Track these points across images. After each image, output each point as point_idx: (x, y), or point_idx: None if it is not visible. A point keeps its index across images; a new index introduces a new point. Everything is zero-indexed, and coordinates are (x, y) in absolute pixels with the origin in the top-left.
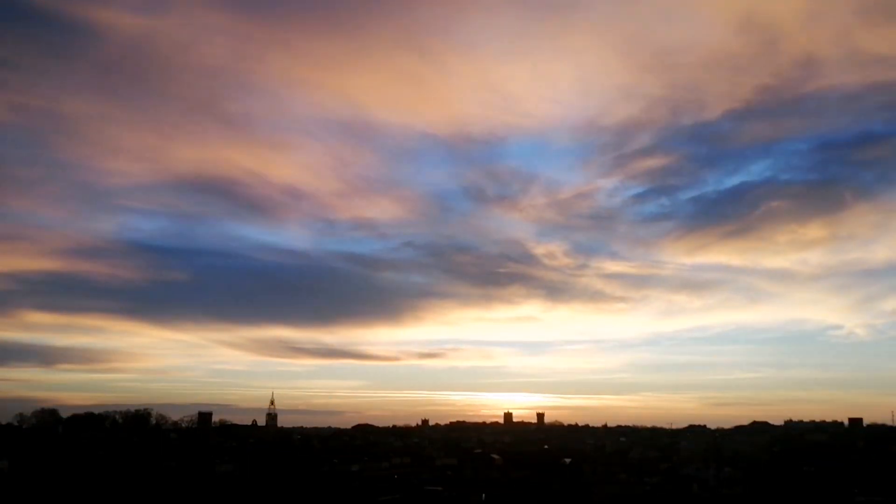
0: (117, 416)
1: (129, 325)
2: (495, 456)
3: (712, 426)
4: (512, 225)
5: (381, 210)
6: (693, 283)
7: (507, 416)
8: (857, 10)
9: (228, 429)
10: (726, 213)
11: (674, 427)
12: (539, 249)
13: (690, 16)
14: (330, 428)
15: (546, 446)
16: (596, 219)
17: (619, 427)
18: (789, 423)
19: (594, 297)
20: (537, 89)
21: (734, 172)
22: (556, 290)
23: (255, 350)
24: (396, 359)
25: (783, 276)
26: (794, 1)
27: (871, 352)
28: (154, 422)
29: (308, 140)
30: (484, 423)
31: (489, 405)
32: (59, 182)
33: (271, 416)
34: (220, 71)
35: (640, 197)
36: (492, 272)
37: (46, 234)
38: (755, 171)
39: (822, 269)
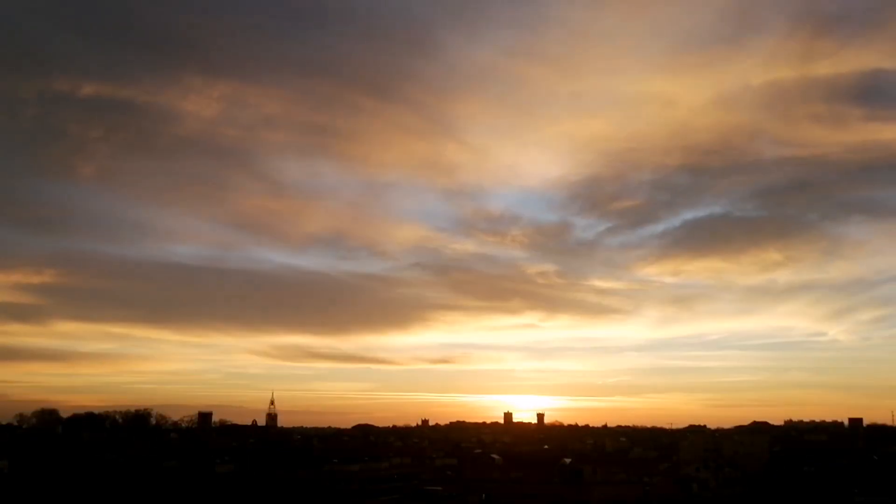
0: (117, 417)
1: (153, 331)
2: (495, 456)
3: (712, 426)
4: (504, 251)
5: (392, 239)
6: (680, 298)
7: (507, 416)
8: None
9: (228, 429)
10: (691, 241)
11: (674, 427)
12: (532, 269)
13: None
14: (330, 428)
15: (546, 446)
16: (577, 246)
17: (619, 427)
18: (789, 424)
19: (591, 308)
20: (519, 158)
21: (693, 209)
22: (553, 302)
23: (274, 355)
24: (404, 363)
25: (757, 292)
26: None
27: (857, 356)
28: (154, 422)
29: (333, 193)
30: (484, 423)
31: (490, 406)
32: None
33: (271, 417)
34: (248, 144)
35: (612, 230)
36: (493, 287)
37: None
38: (711, 209)
39: (790, 286)
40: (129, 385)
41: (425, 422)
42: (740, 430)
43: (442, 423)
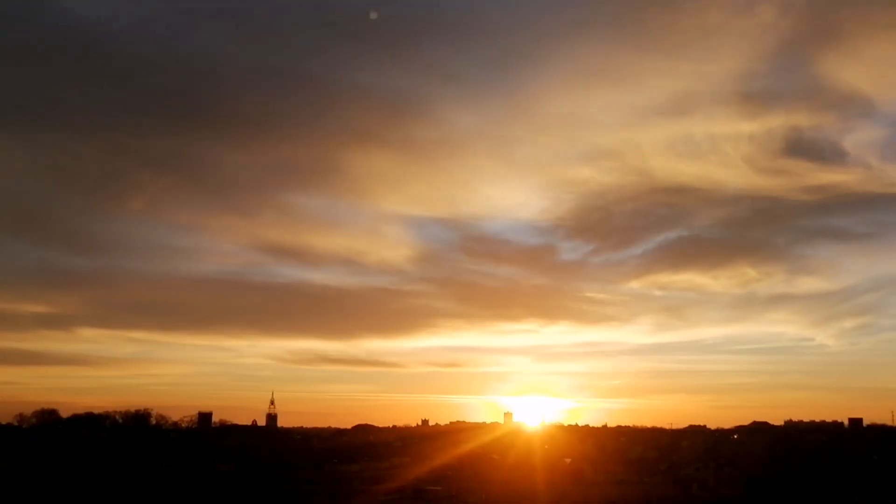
0: (117, 417)
1: (171, 336)
2: (495, 456)
3: (712, 426)
4: (500, 269)
5: (399, 256)
6: (669, 307)
7: (507, 416)
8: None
9: (228, 429)
10: (670, 258)
11: (674, 427)
12: (527, 282)
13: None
14: (330, 428)
15: (546, 446)
16: (565, 264)
17: (618, 427)
18: (789, 424)
19: (587, 316)
20: (507, 196)
21: (667, 233)
22: (551, 310)
23: (286, 359)
24: (409, 366)
25: (741, 302)
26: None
27: (847, 359)
28: (154, 422)
29: (346, 221)
30: (484, 423)
31: (490, 406)
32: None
33: (271, 417)
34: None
35: (596, 251)
36: (493, 297)
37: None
38: (683, 233)
39: (770, 297)
40: (133, 385)
41: (425, 422)
42: (740, 430)
43: (442, 423)
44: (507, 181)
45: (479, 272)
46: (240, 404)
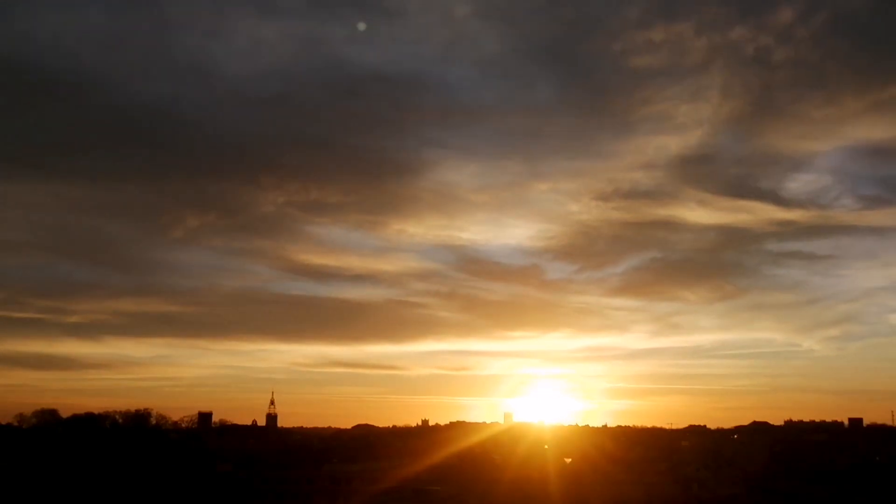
0: (117, 417)
1: (189, 341)
2: (495, 456)
3: (712, 426)
4: (495, 287)
5: (408, 273)
6: (660, 317)
7: (507, 416)
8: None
9: (228, 429)
10: (651, 275)
11: (674, 427)
12: (524, 295)
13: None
14: (330, 428)
15: (546, 446)
16: (553, 282)
17: (619, 427)
18: (789, 423)
19: (584, 323)
20: (497, 231)
21: (643, 255)
22: (547, 319)
23: (295, 363)
24: (414, 368)
25: (727, 311)
26: None
27: (835, 364)
28: (154, 422)
29: (361, 248)
30: (484, 423)
31: (491, 407)
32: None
33: (271, 417)
34: (300, 220)
35: (579, 270)
36: (494, 308)
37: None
38: (656, 255)
39: (752, 307)
40: (136, 386)
41: (425, 422)
42: (740, 430)
43: (442, 423)
44: (501, 219)
45: (478, 288)
46: (242, 405)
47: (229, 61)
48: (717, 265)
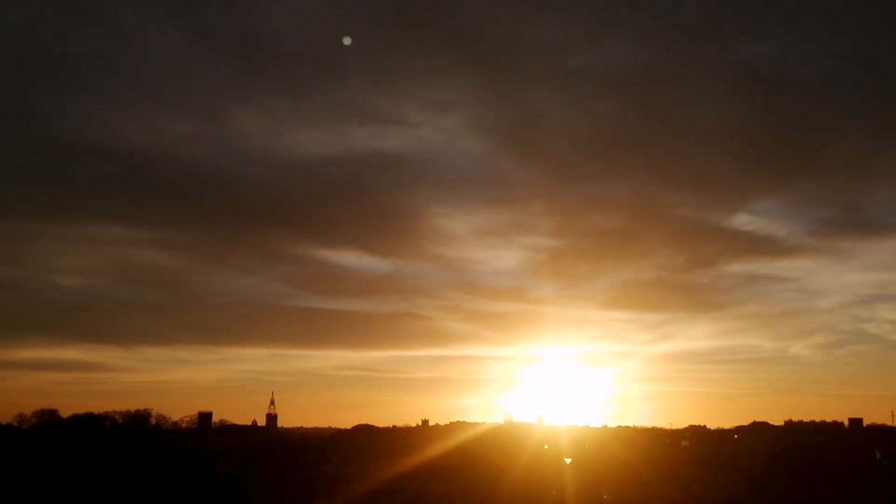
0: (117, 417)
1: (205, 347)
2: (496, 456)
3: (712, 426)
4: (492, 304)
5: (415, 290)
6: (650, 327)
7: (507, 416)
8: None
9: (228, 429)
10: (628, 293)
11: (674, 427)
12: (519, 307)
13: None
14: (330, 428)
15: (546, 446)
16: (540, 297)
17: (619, 427)
18: (789, 423)
19: (575, 332)
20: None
21: (613, 278)
22: (548, 325)
23: (298, 366)
24: (417, 372)
25: (712, 323)
26: None
27: (829, 368)
28: (154, 422)
29: (374, 273)
30: (484, 423)
31: (491, 407)
32: None
33: (271, 417)
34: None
35: (561, 288)
36: (495, 318)
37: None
38: (627, 277)
39: (733, 318)
40: (136, 387)
41: (425, 422)
42: (740, 430)
43: (442, 423)
44: (490, 251)
45: (474, 302)
46: (243, 405)
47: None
48: (678, 286)
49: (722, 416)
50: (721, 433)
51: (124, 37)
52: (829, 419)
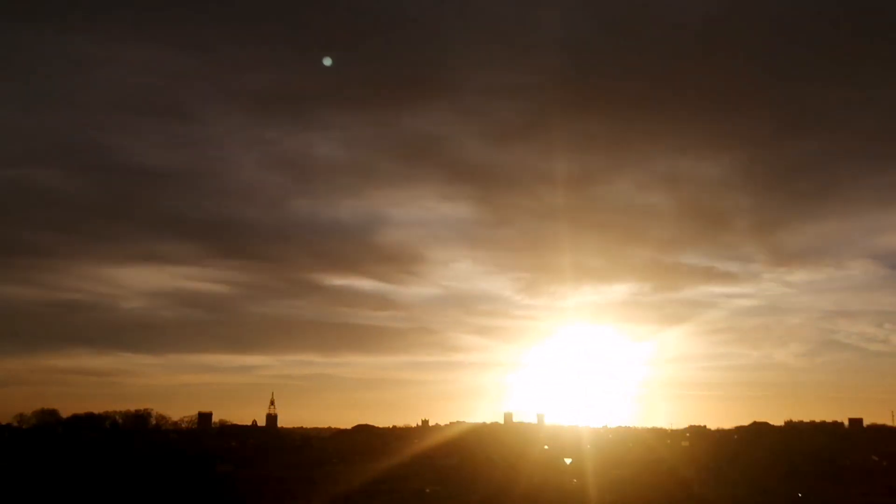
0: (117, 417)
1: (216, 353)
2: (496, 456)
3: (712, 426)
4: (487, 319)
5: (417, 304)
6: (642, 336)
7: (507, 416)
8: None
9: (228, 429)
10: (608, 308)
11: (674, 427)
12: (514, 316)
13: None
14: (330, 428)
15: (546, 446)
16: (529, 306)
17: (618, 427)
18: (789, 423)
19: (570, 336)
20: (477, 276)
21: (589, 294)
22: (537, 335)
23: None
24: (419, 374)
25: (698, 335)
26: None
27: (809, 374)
28: (154, 422)
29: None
30: (484, 423)
31: (491, 407)
32: None
33: (271, 417)
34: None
35: (545, 302)
36: (495, 326)
37: None
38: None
39: (717, 330)
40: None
41: (425, 422)
42: (740, 430)
43: (442, 423)
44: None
45: (469, 317)
46: (242, 405)
47: None
48: (656, 305)
49: (722, 416)
50: (721, 433)
51: None
52: (829, 419)
